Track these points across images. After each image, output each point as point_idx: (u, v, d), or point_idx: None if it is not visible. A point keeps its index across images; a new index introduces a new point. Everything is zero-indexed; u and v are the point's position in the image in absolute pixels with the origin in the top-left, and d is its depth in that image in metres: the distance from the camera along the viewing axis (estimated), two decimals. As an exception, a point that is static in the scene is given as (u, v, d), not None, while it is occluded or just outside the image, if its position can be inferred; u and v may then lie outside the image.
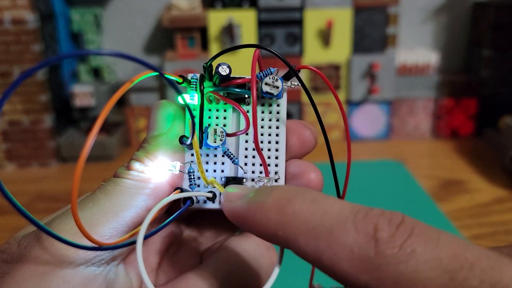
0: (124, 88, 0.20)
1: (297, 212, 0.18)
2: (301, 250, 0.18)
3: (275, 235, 0.19)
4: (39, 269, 0.22)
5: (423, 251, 0.16)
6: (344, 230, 0.17)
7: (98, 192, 0.25)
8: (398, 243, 0.16)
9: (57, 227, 0.23)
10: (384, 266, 0.16)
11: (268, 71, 0.24)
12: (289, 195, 0.19)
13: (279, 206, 0.19)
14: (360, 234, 0.17)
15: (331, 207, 0.18)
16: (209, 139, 0.25)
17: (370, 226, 0.17)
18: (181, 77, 0.25)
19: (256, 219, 0.20)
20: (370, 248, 0.16)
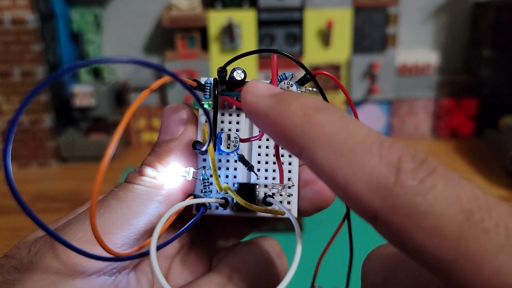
0: (144, 95, 0.20)
1: (323, 124, 0.18)
2: (316, 162, 0.17)
3: (293, 140, 0.18)
4: (51, 278, 0.22)
5: (443, 187, 0.15)
6: (368, 152, 0.17)
7: (110, 198, 0.25)
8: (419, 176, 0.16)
9: (69, 234, 0.23)
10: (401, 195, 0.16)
11: (283, 76, 0.24)
12: (319, 105, 0.18)
13: (306, 113, 0.18)
14: (383, 161, 0.16)
15: (359, 128, 0.17)
16: (222, 145, 0.25)
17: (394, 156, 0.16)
18: (195, 82, 0.24)
19: (278, 119, 0.19)
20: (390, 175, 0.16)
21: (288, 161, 0.26)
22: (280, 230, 0.60)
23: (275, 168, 0.26)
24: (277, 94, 0.20)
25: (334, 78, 0.23)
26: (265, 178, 0.26)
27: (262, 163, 0.26)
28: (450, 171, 0.16)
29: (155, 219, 0.24)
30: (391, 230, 0.16)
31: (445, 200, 0.15)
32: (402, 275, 0.21)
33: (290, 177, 0.26)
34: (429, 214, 0.15)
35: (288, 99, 0.19)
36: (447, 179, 0.16)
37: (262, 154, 0.26)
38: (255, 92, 0.20)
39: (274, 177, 0.26)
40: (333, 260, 0.39)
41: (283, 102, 0.19)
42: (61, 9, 0.89)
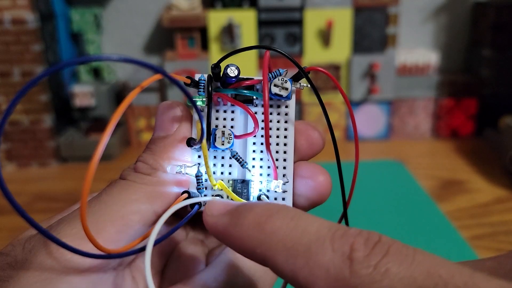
0: (133, 93, 0.20)
1: (276, 230, 0.18)
2: (279, 268, 0.18)
3: (254, 252, 0.19)
4: (45, 275, 0.22)
5: (397, 270, 0.16)
6: (321, 248, 0.17)
7: (104, 194, 0.25)
8: (373, 263, 0.16)
9: (63, 231, 0.23)
10: (359, 286, 0.16)
11: (277, 72, 0.24)
12: (270, 212, 0.19)
13: (259, 222, 0.19)
14: (337, 254, 0.17)
15: (310, 225, 0.18)
16: (216, 141, 0.25)
17: (346, 246, 0.17)
18: (189, 79, 0.24)
19: (236, 235, 0.19)
20: (345, 268, 0.16)
21: (283, 157, 0.26)
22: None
23: (270, 164, 0.26)
24: (232, 210, 0.21)
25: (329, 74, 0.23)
26: (260, 174, 0.26)
27: (257, 160, 0.26)
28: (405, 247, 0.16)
29: (150, 215, 0.24)
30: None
31: (401, 282, 0.15)
32: None
33: (284, 173, 0.26)
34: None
35: (242, 213, 0.20)
36: (401, 259, 0.16)
37: (256, 150, 0.26)
38: (213, 213, 0.21)
39: (269, 173, 0.26)
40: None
41: (237, 217, 0.20)
42: (61, 9, 0.89)
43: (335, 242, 0.17)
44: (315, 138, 0.27)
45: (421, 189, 0.71)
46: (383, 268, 0.16)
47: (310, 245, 0.17)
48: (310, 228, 0.18)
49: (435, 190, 0.71)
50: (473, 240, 0.58)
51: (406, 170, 0.77)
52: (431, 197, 0.68)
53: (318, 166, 0.26)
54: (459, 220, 0.63)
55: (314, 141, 0.27)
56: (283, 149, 0.26)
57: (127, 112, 0.91)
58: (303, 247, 0.17)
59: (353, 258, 0.16)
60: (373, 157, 0.85)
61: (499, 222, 0.63)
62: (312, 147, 0.27)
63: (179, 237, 0.30)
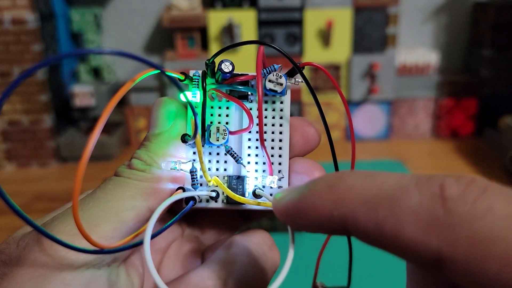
0: (126, 87, 0.20)
1: (352, 187, 0.17)
2: (361, 227, 0.16)
3: (331, 217, 0.17)
4: (39, 271, 0.22)
5: (503, 206, 0.13)
6: (406, 193, 0.15)
7: (99, 191, 0.25)
8: (470, 199, 0.14)
9: (57, 228, 0.23)
10: (457, 225, 0.14)
11: (271, 68, 0.24)
12: (340, 174, 0.18)
13: (330, 185, 0.17)
14: (425, 195, 0.15)
15: (388, 177, 0.16)
16: (211, 137, 0.25)
17: (435, 186, 0.15)
18: (183, 75, 0.24)
19: (308, 205, 0.18)
20: (438, 207, 0.14)
21: (278, 153, 0.26)
22: (280, 230, 0.60)
23: (265, 160, 0.25)
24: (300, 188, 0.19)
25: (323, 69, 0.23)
26: (255, 170, 0.26)
27: (252, 156, 0.26)
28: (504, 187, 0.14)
29: (144, 212, 0.24)
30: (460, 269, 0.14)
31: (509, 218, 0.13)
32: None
33: (280, 169, 0.26)
34: (495, 239, 0.13)
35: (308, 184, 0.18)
36: (504, 195, 0.14)
37: (252, 146, 0.26)
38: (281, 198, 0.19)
39: (264, 169, 0.26)
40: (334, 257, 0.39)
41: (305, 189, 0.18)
42: (61, 9, 0.89)
43: (421, 185, 0.15)
44: (311, 134, 0.27)
45: (420, 189, 0.71)
46: (484, 205, 0.14)
47: (393, 193, 0.15)
48: (389, 179, 0.16)
49: (435, 190, 0.71)
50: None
51: (406, 170, 0.77)
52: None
53: (313, 162, 0.26)
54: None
55: (309, 137, 0.27)
56: (278, 145, 0.26)
57: (126, 112, 0.91)
58: (384, 197, 0.15)
59: (446, 196, 0.14)
60: (373, 157, 0.85)
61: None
62: (308, 143, 0.27)
63: (175, 234, 0.30)
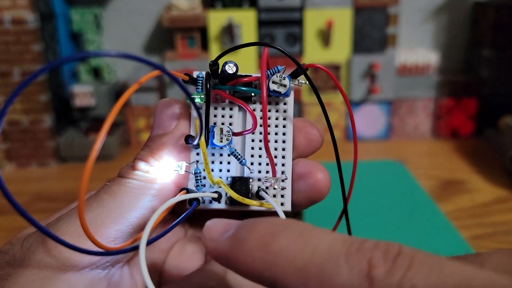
0: (131, 89, 0.20)
1: (284, 249, 0.17)
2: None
3: (262, 276, 0.17)
4: (43, 273, 0.22)
5: (424, 284, 0.14)
6: (336, 268, 0.15)
7: (103, 192, 0.25)
8: (395, 280, 0.14)
9: (61, 229, 0.23)
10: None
11: (275, 69, 0.24)
12: (274, 229, 0.17)
13: (263, 243, 0.17)
14: (354, 273, 0.15)
15: (321, 242, 0.16)
16: (215, 139, 0.25)
17: (364, 262, 0.15)
18: (187, 76, 0.24)
19: (240, 259, 0.18)
20: None
21: (281, 154, 0.26)
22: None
23: (268, 161, 0.26)
24: (233, 231, 0.19)
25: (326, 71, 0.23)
26: (259, 172, 0.26)
27: (255, 157, 0.26)
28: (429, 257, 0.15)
29: (148, 213, 0.24)
30: None
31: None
32: None
33: (283, 170, 0.26)
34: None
35: (243, 233, 0.18)
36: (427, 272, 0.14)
37: (255, 147, 0.26)
38: (212, 236, 0.19)
39: (268, 170, 0.26)
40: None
41: (239, 238, 0.18)
42: (61, 9, 0.89)
43: (351, 259, 0.15)
44: (314, 135, 0.27)
45: (421, 189, 0.71)
46: (407, 285, 0.14)
47: (323, 265, 0.16)
48: (322, 245, 0.16)
49: (435, 190, 0.71)
50: (473, 240, 0.58)
51: (406, 170, 0.77)
52: (431, 197, 0.68)
53: (316, 163, 0.26)
54: (459, 220, 0.63)
55: (312, 138, 0.27)
56: (281, 146, 0.26)
57: (126, 112, 0.91)
58: (315, 267, 0.16)
59: (373, 276, 0.15)
60: (373, 157, 0.85)
61: (499, 222, 0.63)
62: (311, 144, 0.27)
63: (178, 235, 0.30)
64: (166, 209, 0.23)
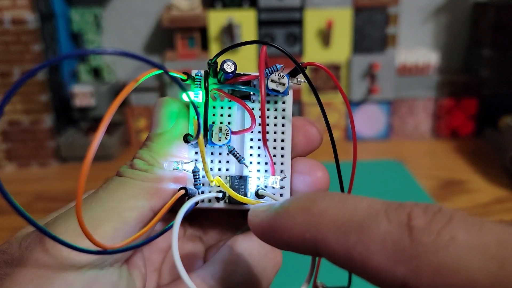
0: (129, 87, 0.20)
1: (324, 211, 0.17)
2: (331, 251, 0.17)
3: (303, 238, 0.18)
4: (41, 272, 0.22)
5: (465, 237, 0.14)
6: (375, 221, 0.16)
7: (101, 191, 0.25)
8: (435, 229, 0.15)
9: (59, 228, 0.23)
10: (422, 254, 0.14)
11: (274, 68, 0.24)
12: (314, 196, 0.18)
13: (304, 207, 0.18)
14: (393, 224, 0.15)
15: (360, 202, 0.17)
16: (213, 137, 0.25)
17: (403, 215, 0.15)
18: (186, 74, 0.24)
19: (282, 225, 0.19)
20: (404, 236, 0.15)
21: (280, 153, 0.26)
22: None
23: (267, 160, 0.26)
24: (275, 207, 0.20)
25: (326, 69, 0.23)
26: (258, 170, 0.26)
27: (254, 156, 0.26)
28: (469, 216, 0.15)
29: (146, 212, 0.24)
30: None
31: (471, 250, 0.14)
32: None
33: (282, 169, 0.26)
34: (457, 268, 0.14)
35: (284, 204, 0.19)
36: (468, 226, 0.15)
37: (254, 146, 0.26)
38: (257, 215, 0.20)
39: (266, 169, 0.26)
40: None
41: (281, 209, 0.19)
42: (61, 9, 0.89)
43: (390, 213, 0.16)
44: (313, 134, 0.27)
45: (421, 189, 0.71)
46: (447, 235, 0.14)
47: (363, 220, 0.16)
48: (361, 204, 0.17)
49: (435, 190, 0.71)
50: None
51: (406, 170, 0.77)
52: (431, 197, 0.68)
53: (316, 162, 0.26)
54: (459, 219, 0.63)
55: (311, 137, 0.27)
56: (280, 145, 0.26)
57: (126, 112, 0.91)
58: (355, 223, 0.16)
59: (412, 225, 0.15)
60: (373, 157, 0.85)
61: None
62: (310, 143, 0.27)
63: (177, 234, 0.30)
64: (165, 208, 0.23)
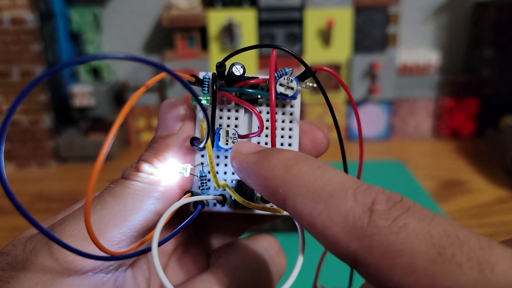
0: (139, 92, 0.20)
1: (302, 174, 0.19)
2: (297, 211, 0.19)
3: (276, 192, 0.19)
4: (46, 276, 0.21)
5: (415, 225, 0.16)
6: (343, 197, 0.18)
7: (106, 194, 0.24)
8: (392, 216, 0.16)
9: (64, 232, 0.22)
10: (375, 235, 0.16)
11: (283, 72, 0.24)
12: (298, 158, 0.20)
13: (286, 165, 0.20)
14: (358, 204, 0.17)
15: (335, 176, 0.19)
16: (221, 141, 0.25)
17: (369, 198, 0.17)
18: (193, 77, 0.24)
19: (261, 173, 0.20)
20: (364, 217, 0.17)
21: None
22: (280, 230, 0.60)
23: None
24: (261, 151, 0.22)
25: (335, 74, 0.23)
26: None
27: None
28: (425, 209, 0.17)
29: (152, 216, 0.24)
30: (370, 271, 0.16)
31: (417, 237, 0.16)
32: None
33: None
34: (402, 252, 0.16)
35: (270, 154, 0.21)
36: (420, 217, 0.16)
37: (261, 150, 0.26)
38: (242, 151, 0.22)
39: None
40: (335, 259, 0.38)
41: (266, 157, 0.21)
42: (61, 8, 0.89)
43: (358, 194, 0.18)
44: (320, 138, 0.27)
45: (421, 189, 0.71)
46: (401, 222, 0.16)
47: (333, 193, 0.18)
48: (335, 178, 0.18)
49: (436, 190, 0.71)
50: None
51: (407, 170, 0.77)
52: (432, 197, 0.68)
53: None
54: (459, 220, 0.63)
55: (318, 141, 0.27)
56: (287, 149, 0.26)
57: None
58: (325, 193, 0.18)
59: (373, 209, 0.17)
60: (373, 157, 0.85)
61: (500, 222, 0.63)
62: (317, 147, 0.27)
63: (181, 238, 0.30)
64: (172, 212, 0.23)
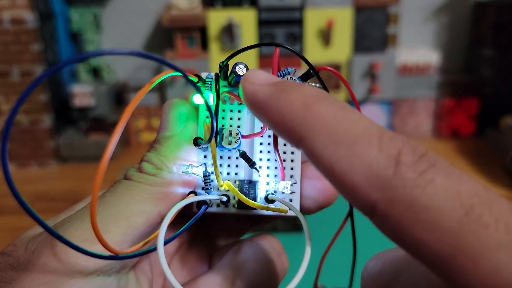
0: (144, 89, 0.20)
1: (323, 114, 0.17)
2: (315, 153, 0.17)
3: (291, 130, 0.18)
4: (48, 277, 0.21)
5: (443, 181, 0.15)
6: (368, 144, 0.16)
7: (109, 195, 0.24)
8: (419, 169, 0.15)
9: (68, 232, 0.22)
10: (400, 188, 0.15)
11: (285, 71, 0.24)
12: (319, 95, 0.18)
13: (306, 102, 0.18)
14: (383, 153, 0.16)
15: (359, 120, 0.17)
16: (224, 141, 0.24)
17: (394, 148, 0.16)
18: (196, 76, 0.24)
19: (276, 108, 0.18)
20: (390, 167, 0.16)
21: (290, 158, 0.25)
22: (280, 230, 0.60)
23: (277, 165, 0.25)
24: (277, 83, 0.19)
25: (338, 74, 0.23)
26: (267, 175, 0.26)
27: (264, 160, 0.26)
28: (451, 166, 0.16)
29: (154, 217, 0.24)
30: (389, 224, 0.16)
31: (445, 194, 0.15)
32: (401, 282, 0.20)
33: (292, 174, 0.25)
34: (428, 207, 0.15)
35: (288, 87, 0.19)
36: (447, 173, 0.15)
37: (264, 151, 0.26)
38: (254, 81, 0.20)
39: (276, 174, 0.25)
40: (336, 259, 0.38)
41: (283, 90, 0.19)
42: (61, 8, 0.89)
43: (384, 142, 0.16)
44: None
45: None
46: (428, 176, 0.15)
47: (356, 138, 0.16)
48: (359, 122, 0.17)
49: (437, 190, 0.71)
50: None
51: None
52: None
53: None
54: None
55: None
56: (290, 150, 0.25)
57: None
58: (348, 138, 0.17)
59: (400, 160, 0.16)
60: (374, 157, 0.85)
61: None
62: None
63: (183, 238, 0.30)
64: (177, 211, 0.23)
